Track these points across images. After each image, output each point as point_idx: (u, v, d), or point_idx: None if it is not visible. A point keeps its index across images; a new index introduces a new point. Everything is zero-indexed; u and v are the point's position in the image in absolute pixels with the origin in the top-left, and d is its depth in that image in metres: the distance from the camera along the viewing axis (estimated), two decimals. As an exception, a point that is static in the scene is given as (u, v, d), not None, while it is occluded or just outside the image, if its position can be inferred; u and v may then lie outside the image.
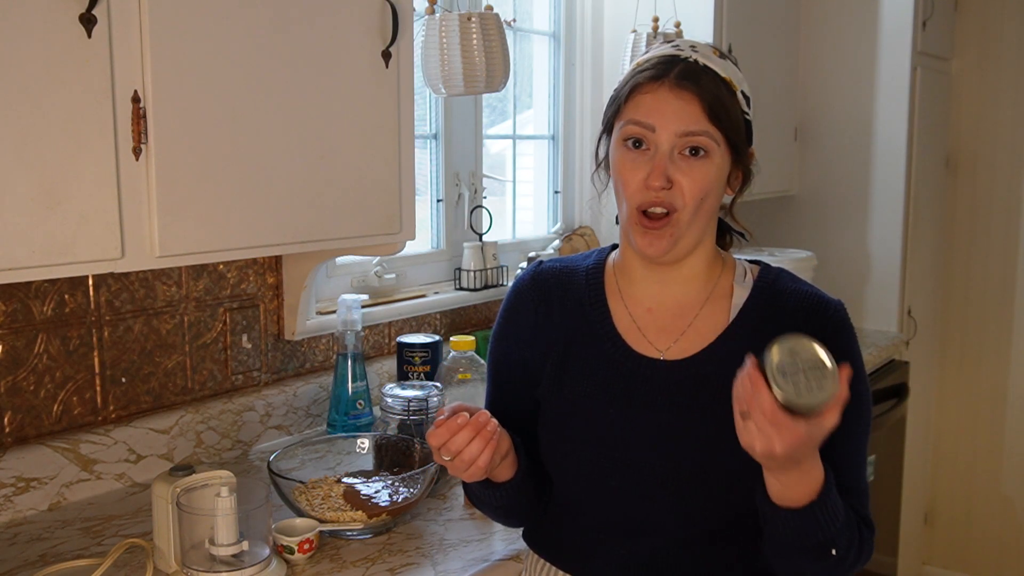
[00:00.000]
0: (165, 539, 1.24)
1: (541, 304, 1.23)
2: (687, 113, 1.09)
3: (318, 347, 1.95)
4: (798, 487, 1.03)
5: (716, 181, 1.12)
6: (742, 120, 1.14)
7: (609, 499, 1.16)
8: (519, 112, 2.63)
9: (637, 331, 1.18)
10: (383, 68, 1.52)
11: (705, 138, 1.09)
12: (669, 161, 1.10)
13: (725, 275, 1.20)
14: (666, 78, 1.10)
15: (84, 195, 1.14)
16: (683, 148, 1.10)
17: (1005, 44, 3.28)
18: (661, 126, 1.10)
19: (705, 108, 1.09)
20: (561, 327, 1.21)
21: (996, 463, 3.43)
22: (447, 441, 1.06)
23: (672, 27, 2.43)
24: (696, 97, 1.09)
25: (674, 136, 1.10)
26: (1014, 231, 3.34)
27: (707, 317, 1.17)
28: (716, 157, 1.11)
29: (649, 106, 1.11)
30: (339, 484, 1.44)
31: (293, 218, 1.41)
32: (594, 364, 1.17)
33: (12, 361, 1.46)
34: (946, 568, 3.50)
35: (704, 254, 1.18)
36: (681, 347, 1.16)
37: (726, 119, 1.10)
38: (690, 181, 1.10)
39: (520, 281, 1.27)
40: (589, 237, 2.71)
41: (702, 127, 1.09)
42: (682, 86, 1.09)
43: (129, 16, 1.16)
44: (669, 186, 1.10)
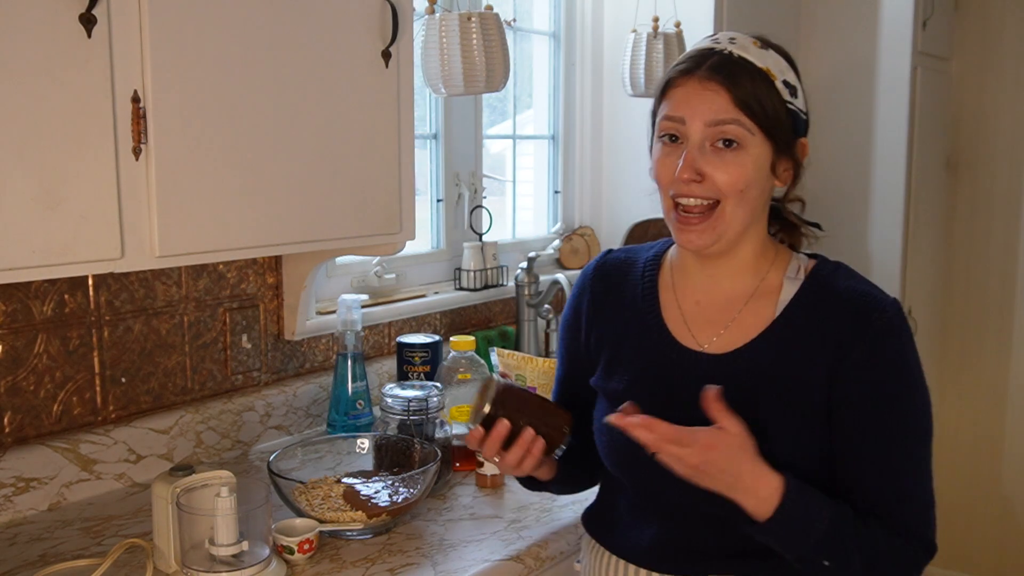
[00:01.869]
0: (165, 539, 1.24)
1: (601, 294, 1.28)
2: (715, 103, 1.10)
3: (318, 347, 1.95)
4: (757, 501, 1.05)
5: (755, 172, 1.11)
6: (783, 110, 1.12)
7: (650, 487, 1.18)
8: (519, 112, 2.63)
9: (684, 323, 1.20)
10: (383, 68, 1.51)
11: (735, 127, 1.09)
12: (700, 153, 1.10)
13: (775, 269, 1.19)
14: (697, 71, 1.11)
15: (84, 195, 1.14)
16: (715, 139, 1.10)
17: (1005, 44, 3.28)
18: (690, 118, 1.11)
19: (734, 98, 1.09)
20: (618, 317, 1.25)
21: (996, 463, 3.43)
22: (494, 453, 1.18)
23: (672, 27, 2.43)
24: (724, 87, 1.10)
25: (703, 127, 1.10)
26: (1014, 231, 3.33)
27: (752, 312, 1.17)
28: (752, 147, 1.11)
29: (679, 99, 1.12)
30: (339, 484, 1.44)
31: (293, 218, 1.41)
32: (642, 354, 1.20)
33: (12, 361, 1.46)
34: (946, 568, 3.50)
35: (752, 247, 1.18)
36: (724, 341, 1.17)
37: (758, 108, 1.10)
38: (724, 174, 1.10)
39: (586, 270, 1.32)
40: (589, 237, 2.71)
41: (731, 116, 1.09)
42: (711, 77, 1.10)
43: (129, 16, 1.16)
44: (699, 179, 1.10)
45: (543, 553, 1.39)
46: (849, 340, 1.10)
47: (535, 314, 2.36)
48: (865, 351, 1.09)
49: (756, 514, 1.06)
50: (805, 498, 1.06)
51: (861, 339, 1.10)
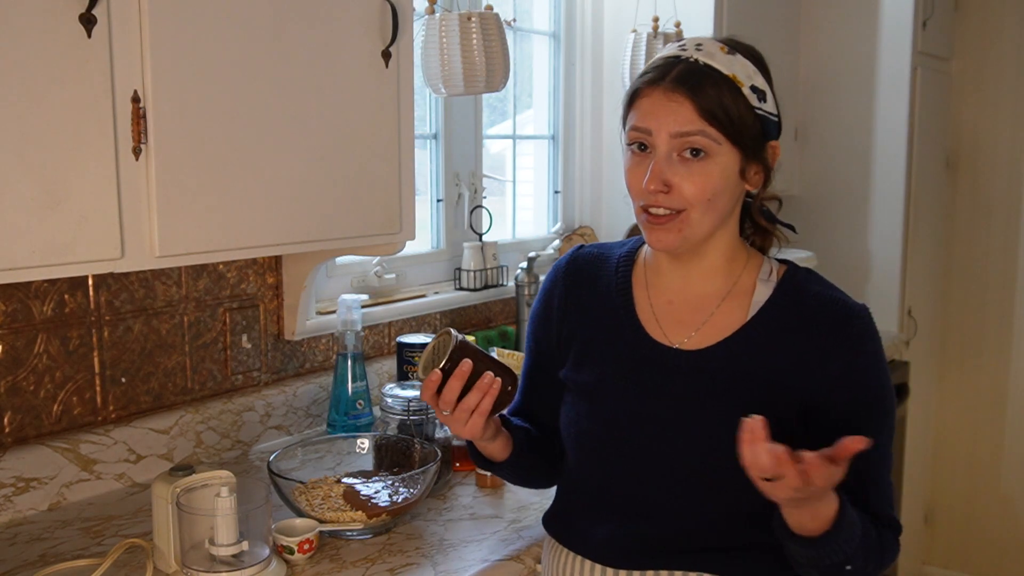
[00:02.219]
0: (165, 539, 1.24)
1: (573, 288, 1.28)
2: (680, 115, 1.10)
3: (318, 347, 1.95)
4: (815, 520, 1.04)
5: (722, 180, 1.12)
6: (750, 116, 1.12)
7: (614, 481, 1.20)
8: (519, 112, 2.63)
9: (656, 321, 1.21)
10: (383, 68, 1.51)
11: (701, 138, 1.10)
12: (667, 164, 1.11)
13: (748, 271, 1.20)
14: (662, 81, 1.11)
15: (84, 195, 1.14)
16: (681, 149, 1.11)
17: (1005, 44, 3.28)
18: (656, 129, 1.11)
19: (699, 108, 1.09)
20: (589, 311, 1.25)
21: (996, 463, 3.43)
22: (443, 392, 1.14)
23: (672, 27, 2.43)
24: (688, 98, 1.09)
25: (668, 138, 1.11)
26: (1014, 231, 3.34)
27: (726, 312, 1.18)
28: (719, 156, 1.11)
29: (646, 110, 1.12)
30: (339, 484, 1.44)
31: (293, 218, 1.41)
32: (614, 350, 1.21)
33: (12, 361, 1.46)
34: (946, 568, 3.50)
35: (723, 248, 1.19)
36: (697, 339, 1.18)
37: (724, 117, 1.10)
38: (691, 184, 1.11)
39: (558, 264, 1.32)
40: (589, 237, 2.71)
41: (696, 127, 1.10)
42: (675, 88, 1.10)
43: (129, 16, 1.16)
44: (666, 190, 1.11)
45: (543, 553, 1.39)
46: (829, 346, 1.13)
47: (535, 314, 2.36)
48: (846, 357, 1.12)
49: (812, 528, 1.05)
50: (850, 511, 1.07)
51: (841, 346, 1.13)
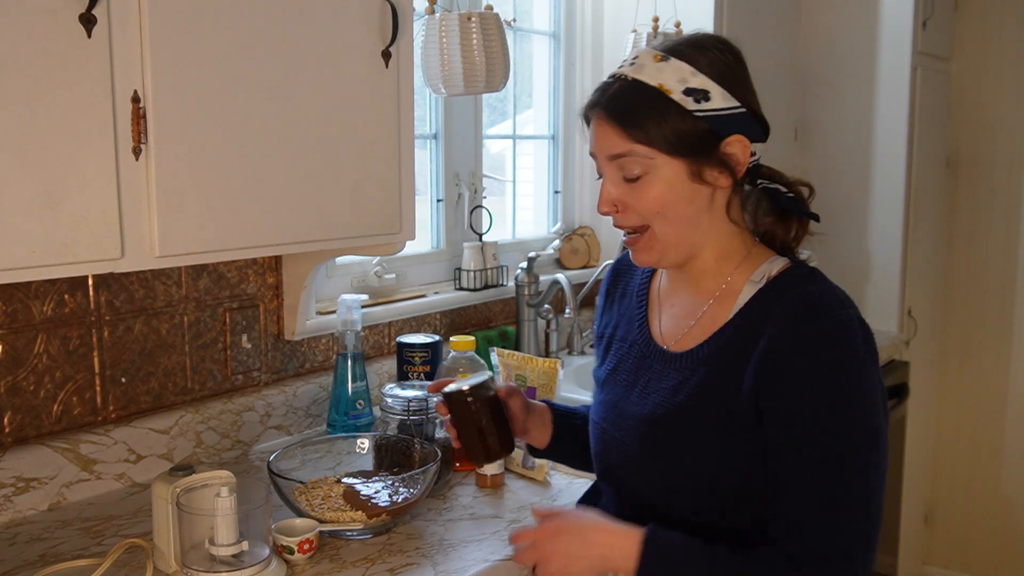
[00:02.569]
0: (165, 539, 1.24)
1: (613, 288, 1.38)
2: (609, 140, 1.13)
3: (318, 347, 1.95)
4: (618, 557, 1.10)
5: (669, 192, 1.12)
6: (685, 121, 1.09)
7: (610, 474, 1.27)
8: (519, 112, 2.63)
9: (661, 322, 1.26)
10: (383, 68, 1.51)
11: (631, 158, 1.12)
12: (615, 186, 1.15)
13: (739, 273, 1.18)
14: (596, 108, 1.16)
15: (84, 195, 1.14)
16: (621, 172, 1.14)
17: (1005, 44, 3.28)
18: (597, 153, 1.16)
19: (623, 131, 1.11)
20: (617, 311, 1.35)
21: (996, 463, 3.43)
22: None
23: (672, 27, 2.43)
24: (614, 122, 1.12)
25: (606, 161, 1.15)
26: (1014, 231, 3.34)
27: (712, 313, 1.19)
28: (658, 170, 1.12)
29: (590, 136, 1.17)
30: (339, 484, 1.44)
31: (293, 218, 1.41)
32: (625, 348, 1.28)
33: (12, 361, 1.46)
34: (946, 568, 3.50)
35: (710, 252, 1.19)
36: (685, 340, 1.20)
37: (654, 132, 1.09)
38: (637, 202, 1.14)
39: (611, 265, 1.42)
40: (589, 237, 2.71)
41: (624, 149, 1.12)
42: (602, 115, 1.14)
43: (129, 16, 1.16)
44: (616, 210, 1.16)
45: (543, 553, 1.39)
46: (779, 343, 1.07)
47: (535, 314, 2.36)
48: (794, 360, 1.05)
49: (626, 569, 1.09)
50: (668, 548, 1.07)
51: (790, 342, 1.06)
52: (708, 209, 1.16)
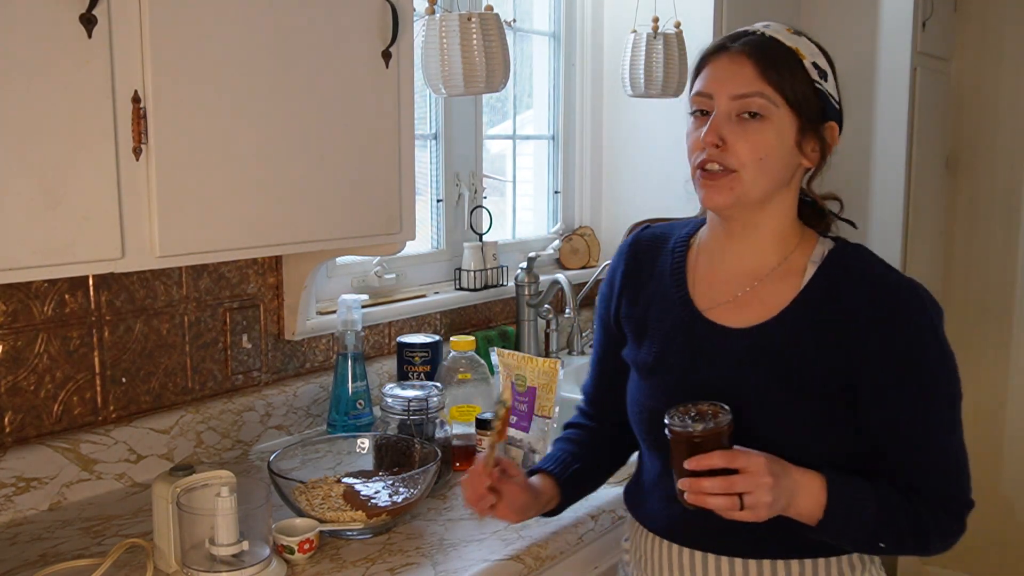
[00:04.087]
0: (165, 539, 1.24)
1: (632, 269, 1.33)
2: (741, 76, 1.15)
3: (318, 347, 1.95)
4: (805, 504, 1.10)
5: (776, 143, 1.15)
6: (809, 88, 1.16)
7: None
8: (519, 112, 2.64)
9: (710, 299, 1.24)
10: (383, 68, 1.52)
11: (759, 99, 1.14)
12: (725, 122, 1.15)
13: (800, 251, 1.22)
14: (728, 49, 1.17)
15: (84, 195, 1.14)
16: (740, 111, 1.14)
17: (1005, 44, 3.28)
18: (717, 91, 1.16)
19: (759, 71, 1.14)
20: (647, 291, 1.30)
21: (996, 463, 3.43)
22: None
23: (672, 27, 2.43)
24: (751, 61, 1.15)
25: (728, 100, 1.15)
26: (1014, 231, 3.33)
27: (776, 290, 1.20)
28: (774, 119, 1.14)
29: (710, 75, 1.18)
30: (339, 484, 1.44)
31: (293, 218, 1.41)
32: (671, 329, 1.25)
33: (12, 361, 1.46)
34: (946, 568, 3.50)
35: (775, 223, 1.21)
36: (747, 316, 1.20)
37: (785, 80, 1.14)
38: (745, 143, 1.14)
39: (623, 245, 1.37)
40: (589, 237, 2.71)
41: (755, 89, 1.14)
42: (740, 52, 1.16)
43: (129, 16, 1.16)
44: (722, 144, 1.14)
45: (543, 553, 1.39)
46: (869, 320, 1.13)
47: (535, 314, 2.36)
48: (886, 330, 1.13)
49: (810, 516, 1.11)
50: (849, 488, 1.11)
51: (880, 318, 1.13)
52: (790, 179, 1.21)
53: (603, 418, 1.40)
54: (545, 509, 1.30)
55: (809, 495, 1.10)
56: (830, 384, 1.14)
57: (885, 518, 1.12)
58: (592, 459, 1.37)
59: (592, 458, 1.37)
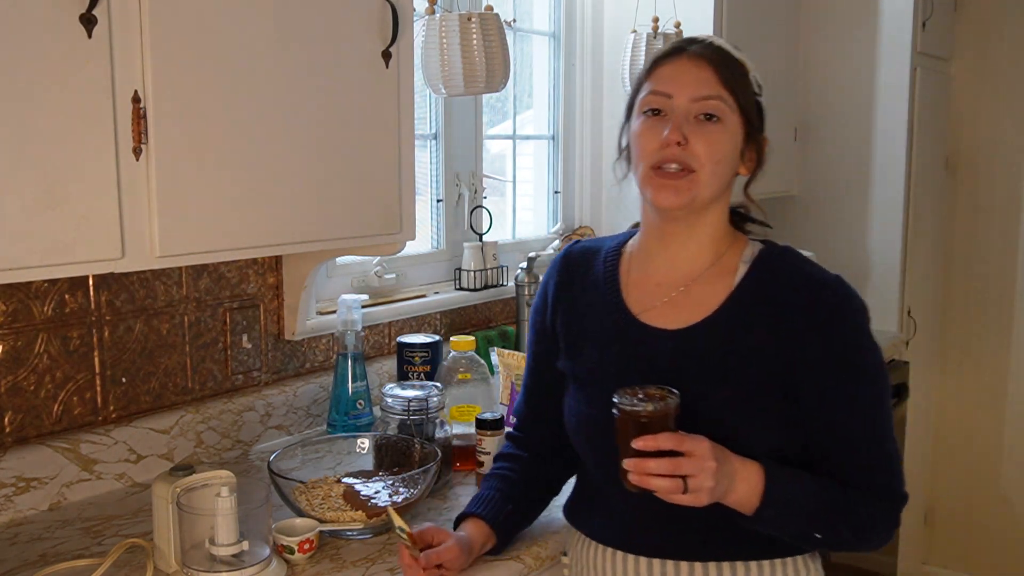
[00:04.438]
0: (165, 539, 1.24)
1: (565, 282, 1.34)
2: (702, 79, 1.17)
3: (318, 347, 1.95)
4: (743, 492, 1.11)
5: (730, 148, 1.19)
6: (754, 100, 1.21)
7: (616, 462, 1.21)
8: (519, 112, 2.63)
9: (644, 303, 1.25)
10: (383, 68, 1.52)
11: (718, 102, 1.17)
12: (685, 122, 1.17)
13: (732, 253, 1.25)
14: (686, 51, 1.20)
15: (84, 195, 1.14)
16: (698, 113, 1.17)
17: (1005, 44, 3.28)
18: (678, 92, 1.18)
19: (719, 76, 1.17)
20: (581, 303, 1.31)
21: (996, 463, 3.43)
22: None
23: (672, 27, 2.43)
24: (711, 66, 1.18)
25: (689, 101, 1.17)
26: (1014, 231, 3.33)
27: (710, 291, 1.22)
28: (730, 125, 1.18)
29: (668, 76, 1.19)
30: (339, 484, 1.44)
31: (293, 218, 1.41)
32: (606, 336, 1.26)
33: (12, 361, 1.46)
34: (946, 568, 3.50)
35: (711, 227, 1.24)
36: (681, 317, 1.22)
37: (740, 88, 1.18)
38: (705, 144, 1.16)
39: (554, 260, 1.39)
40: (589, 237, 2.71)
41: (716, 92, 1.17)
42: (700, 55, 1.19)
43: (129, 16, 1.16)
44: (685, 142, 1.16)
45: (543, 553, 1.39)
46: (800, 317, 1.16)
47: (535, 314, 2.36)
48: (817, 326, 1.16)
49: (747, 504, 1.12)
50: (786, 478, 1.13)
51: (814, 318, 1.16)
52: (731, 184, 1.24)
53: (535, 443, 1.39)
54: (483, 552, 1.29)
55: (747, 483, 1.11)
56: (767, 381, 1.16)
57: (822, 509, 1.14)
58: (524, 496, 1.36)
59: (524, 495, 1.35)
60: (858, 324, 1.18)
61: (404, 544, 1.21)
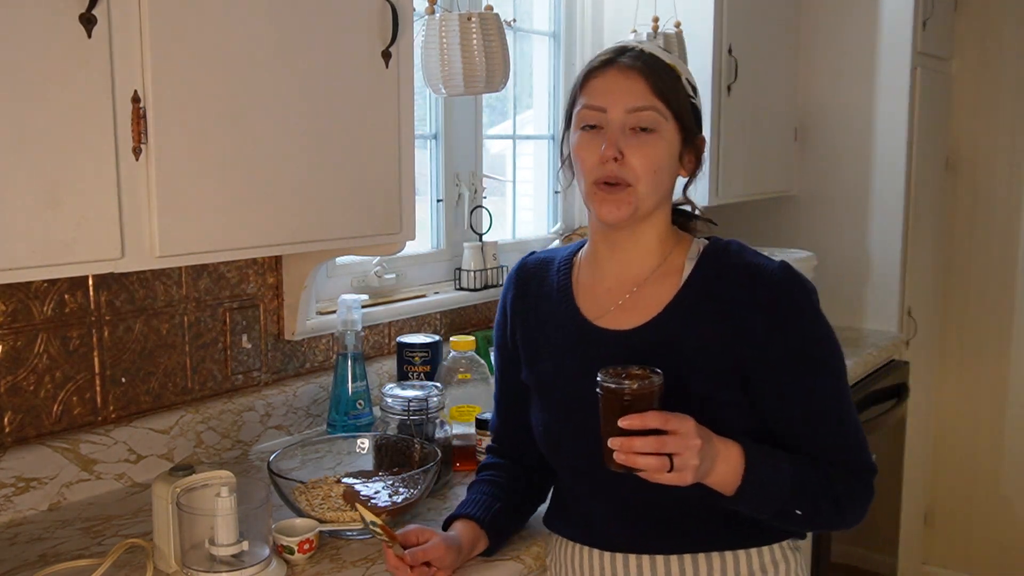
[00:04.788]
0: (165, 539, 1.24)
1: (520, 294, 1.37)
2: (634, 91, 1.18)
3: (318, 347, 1.95)
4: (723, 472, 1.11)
5: (667, 156, 1.20)
6: (688, 103, 1.22)
7: (583, 465, 1.25)
8: (519, 112, 2.63)
9: (597, 308, 1.27)
10: (383, 68, 1.52)
11: (652, 112, 1.18)
12: (621, 136, 1.18)
13: (677, 252, 1.27)
14: (616, 63, 1.20)
15: (84, 195, 1.14)
16: (633, 125, 1.18)
17: (1005, 44, 3.28)
18: (611, 105, 1.19)
19: (651, 85, 1.18)
20: (536, 313, 1.33)
21: (996, 463, 3.43)
22: None
23: (672, 27, 2.43)
24: (642, 76, 1.18)
25: (623, 112, 1.18)
26: (1014, 231, 3.33)
27: (657, 290, 1.24)
28: (665, 133, 1.19)
29: (600, 89, 1.20)
30: (339, 484, 1.44)
31: (293, 218, 1.41)
32: (563, 342, 1.28)
33: (12, 361, 1.46)
34: (946, 568, 3.50)
35: (656, 231, 1.26)
36: (634, 319, 1.24)
37: (672, 96, 1.19)
38: (640, 156, 1.17)
39: (509, 273, 1.42)
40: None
41: (648, 102, 1.18)
42: (631, 66, 1.19)
43: (129, 16, 1.16)
44: (621, 157, 1.17)
45: (543, 553, 1.39)
46: (748, 308, 1.18)
47: (535, 314, 2.35)
48: (767, 315, 1.17)
49: (728, 484, 1.13)
50: (765, 456, 1.14)
51: (759, 305, 1.18)
52: (672, 188, 1.26)
53: (514, 453, 1.40)
54: (475, 553, 1.29)
55: (728, 463, 1.12)
56: (722, 371, 1.18)
57: (800, 485, 1.15)
58: (512, 497, 1.35)
59: (512, 496, 1.36)
60: (808, 310, 1.19)
61: (384, 542, 1.20)
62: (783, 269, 1.20)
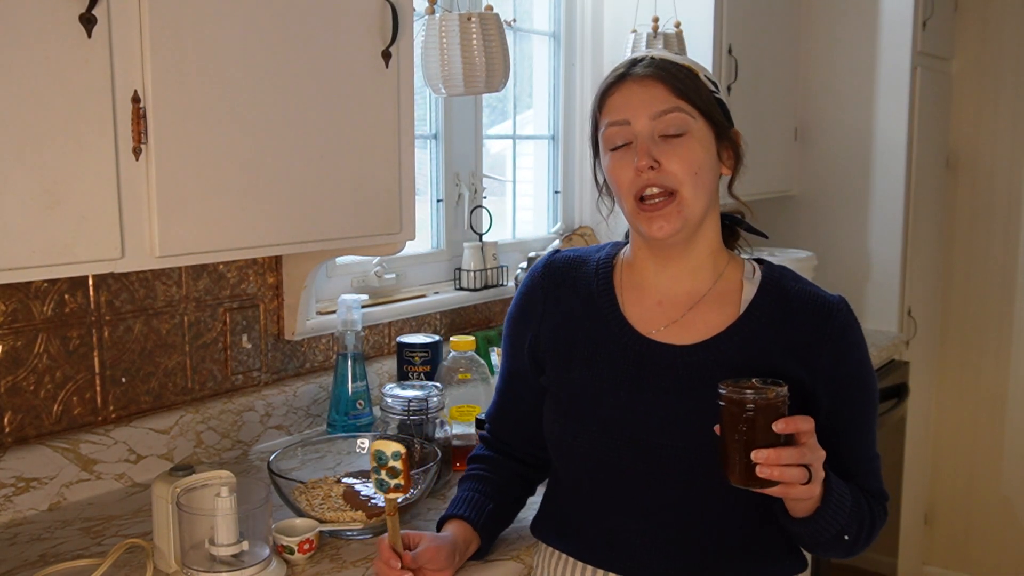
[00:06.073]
0: (165, 539, 1.24)
1: (551, 292, 1.30)
2: (655, 96, 1.15)
3: (318, 347, 1.95)
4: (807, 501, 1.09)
5: (704, 155, 1.17)
6: (713, 99, 1.19)
7: (618, 480, 1.20)
8: (519, 112, 2.63)
9: (646, 320, 1.22)
10: (383, 68, 1.52)
11: (678, 114, 1.15)
12: (652, 144, 1.15)
13: (732, 269, 1.24)
14: (630, 74, 1.18)
15: (84, 195, 1.14)
16: (661, 132, 1.15)
17: (1005, 44, 3.28)
18: (634, 116, 1.16)
19: (671, 88, 1.15)
20: (569, 314, 1.27)
21: (996, 463, 3.43)
22: None
23: (672, 27, 2.43)
24: (659, 81, 1.16)
25: (648, 120, 1.15)
26: (1014, 231, 3.34)
27: (717, 307, 1.21)
28: (696, 133, 1.16)
29: (619, 104, 1.18)
30: (339, 484, 1.44)
31: (293, 218, 1.41)
32: (603, 349, 1.22)
33: (12, 361, 1.46)
34: (946, 568, 3.50)
35: (708, 244, 1.23)
36: (690, 334, 1.20)
37: (695, 93, 1.16)
38: (678, 160, 1.14)
39: (534, 269, 1.34)
40: (589, 237, 2.71)
41: (672, 105, 1.15)
42: (645, 74, 1.17)
43: (129, 16, 1.16)
44: (657, 165, 1.14)
45: (543, 553, 1.39)
46: (815, 340, 1.17)
47: (535, 314, 2.35)
48: (832, 349, 1.17)
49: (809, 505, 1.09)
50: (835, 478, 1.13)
51: (826, 339, 1.18)
52: (717, 190, 1.23)
53: (507, 446, 1.38)
54: (467, 556, 1.26)
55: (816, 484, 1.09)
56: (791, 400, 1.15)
57: (856, 510, 1.15)
58: (502, 494, 1.33)
59: (501, 493, 1.33)
60: (863, 344, 1.21)
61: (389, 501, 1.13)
62: (845, 303, 1.21)
